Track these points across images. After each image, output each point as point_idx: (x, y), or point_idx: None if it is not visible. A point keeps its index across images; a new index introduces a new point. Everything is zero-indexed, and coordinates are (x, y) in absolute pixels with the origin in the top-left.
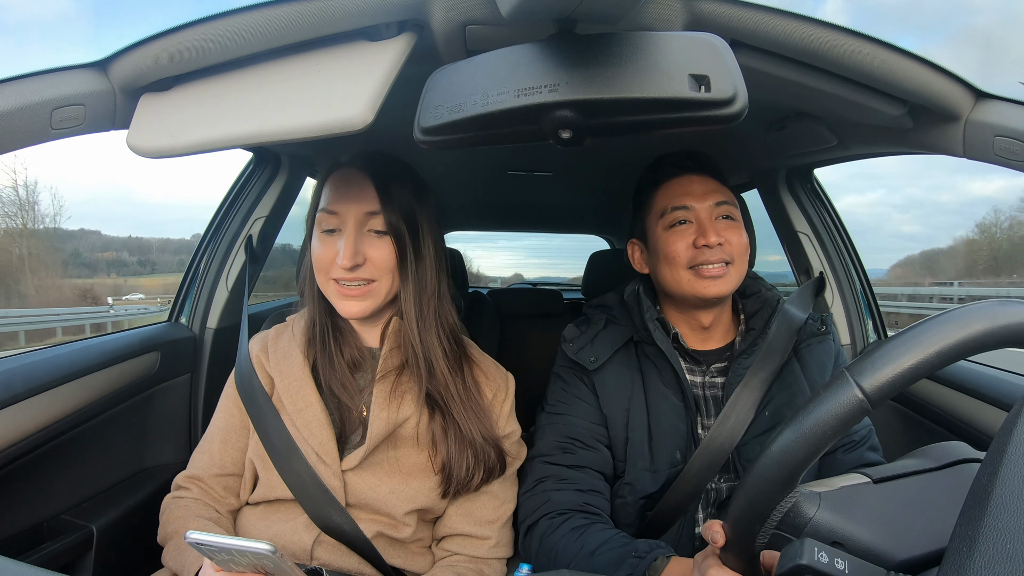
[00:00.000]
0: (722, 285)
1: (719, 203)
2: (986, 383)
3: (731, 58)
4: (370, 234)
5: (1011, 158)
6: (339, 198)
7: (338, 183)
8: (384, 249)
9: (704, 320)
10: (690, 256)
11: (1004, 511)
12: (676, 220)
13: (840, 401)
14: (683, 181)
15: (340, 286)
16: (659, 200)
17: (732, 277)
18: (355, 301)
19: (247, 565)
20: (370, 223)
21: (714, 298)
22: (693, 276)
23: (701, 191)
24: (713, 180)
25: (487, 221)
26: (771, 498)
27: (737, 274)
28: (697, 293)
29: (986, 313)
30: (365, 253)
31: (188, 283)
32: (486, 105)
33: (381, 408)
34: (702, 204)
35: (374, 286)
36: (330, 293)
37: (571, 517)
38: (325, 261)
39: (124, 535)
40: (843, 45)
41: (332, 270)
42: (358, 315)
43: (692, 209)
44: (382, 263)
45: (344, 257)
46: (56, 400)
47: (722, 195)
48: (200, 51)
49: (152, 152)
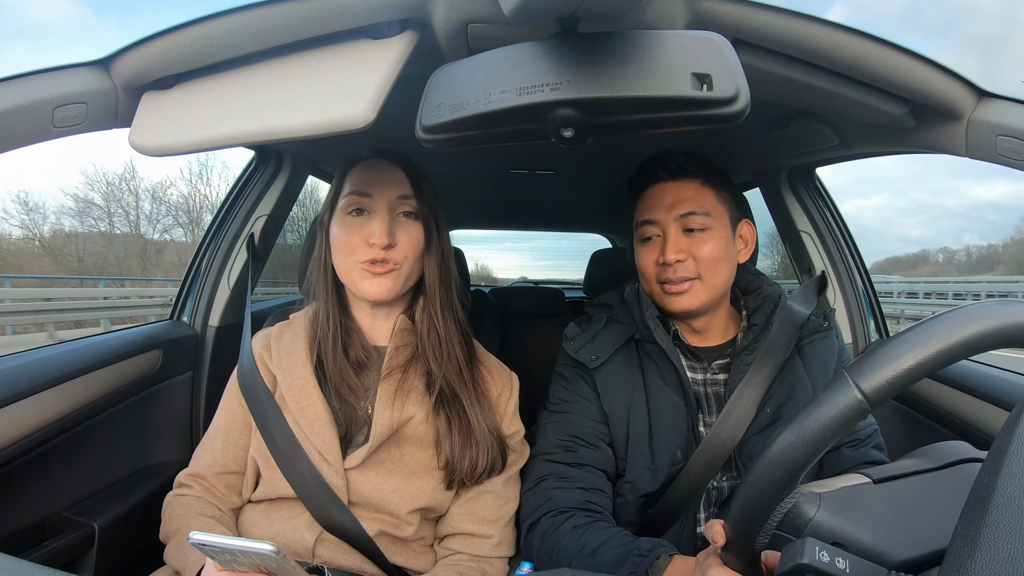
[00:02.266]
0: (686, 300)
1: (685, 214)
2: (987, 383)
3: (733, 57)
4: (400, 217)
5: (1014, 158)
6: (370, 182)
7: (366, 170)
8: (414, 232)
9: (695, 325)
10: (655, 272)
11: (1005, 511)
12: (644, 235)
13: (839, 402)
14: (654, 192)
15: (367, 266)
16: (636, 213)
17: (698, 291)
18: (382, 279)
19: (250, 565)
20: (401, 207)
21: (681, 312)
22: (661, 290)
23: (669, 202)
24: (690, 184)
25: (489, 219)
26: (771, 499)
27: (706, 288)
28: (665, 307)
29: (986, 313)
30: (396, 235)
31: (190, 281)
32: (488, 104)
33: (385, 406)
34: (667, 217)
35: (399, 270)
36: (354, 276)
37: (573, 515)
38: (353, 243)
39: (126, 533)
40: (846, 44)
41: (360, 251)
42: (383, 296)
43: (657, 223)
44: (410, 247)
45: (380, 235)
46: (59, 398)
47: (692, 203)
48: (202, 49)
49: (154, 150)
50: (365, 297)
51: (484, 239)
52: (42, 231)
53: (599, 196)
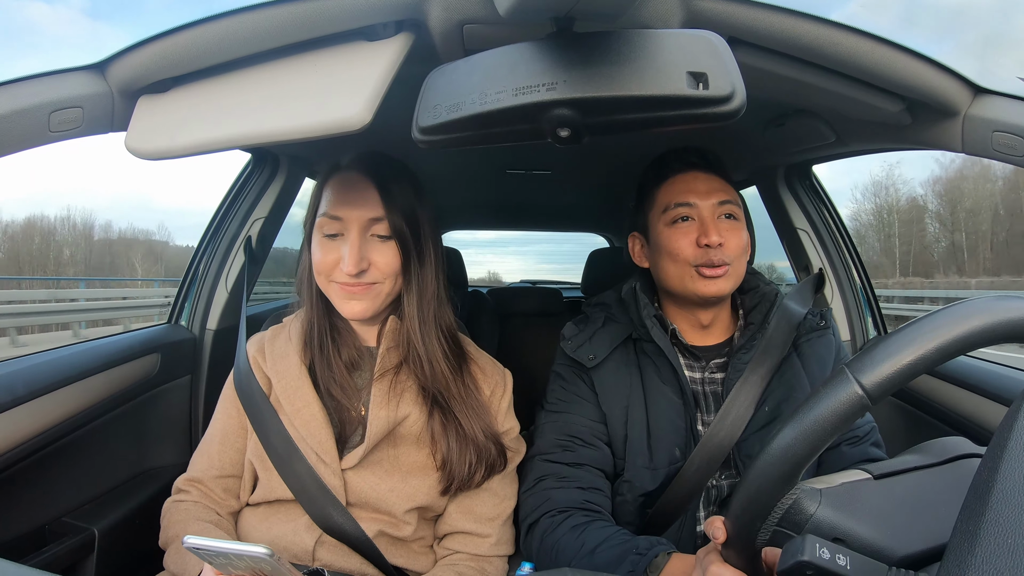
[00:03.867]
0: (721, 284)
1: (722, 202)
2: (986, 378)
3: (729, 55)
4: (374, 239)
5: (1010, 153)
6: (341, 203)
7: (339, 187)
8: (388, 254)
9: (703, 319)
10: (693, 254)
11: (1005, 506)
12: (678, 216)
13: (840, 398)
14: (687, 178)
15: (343, 286)
16: (662, 196)
17: (731, 277)
18: (358, 301)
19: (245, 568)
20: (374, 228)
21: (713, 297)
22: (695, 274)
23: (705, 189)
24: (718, 178)
25: (486, 220)
26: (772, 495)
27: (735, 274)
28: (697, 291)
29: (985, 308)
30: (369, 258)
31: (188, 284)
32: (484, 104)
33: (380, 407)
34: (705, 202)
35: (377, 287)
36: (332, 294)
37: (572, 515)
38: (328, 266)
39: (126, 537)
40: (841, 41)
41: (335, 274)
42: (360, 316)
43: (695, 206)
44: (386, 267)
45: (349, 264)
46: (57, 402)
47: (726, 194)
48: (197, 52)
49: (151, 154)
50: (344, 315)
51: (489, 243)
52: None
53: (596, 196)
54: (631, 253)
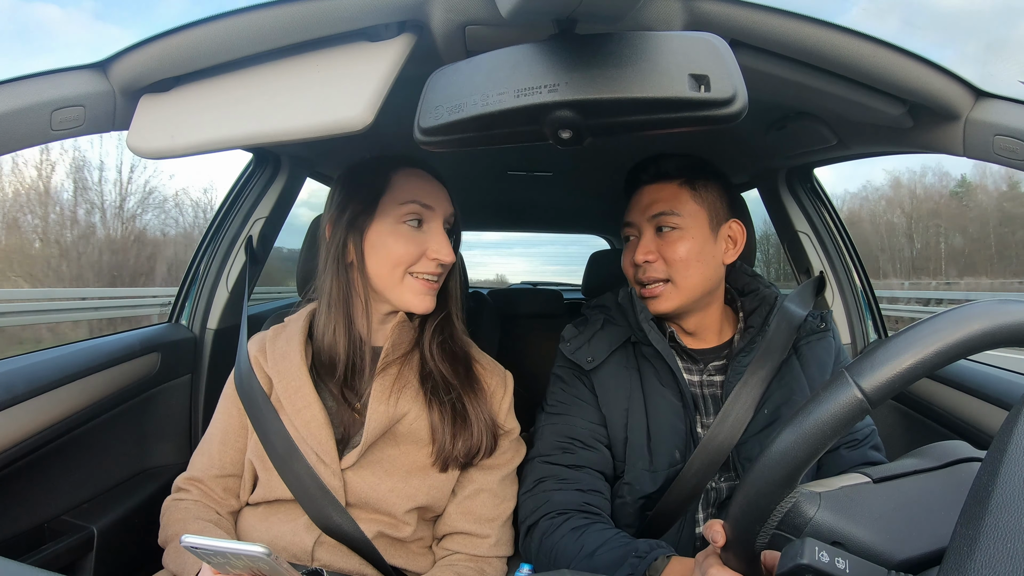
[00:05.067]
0: (660, 304)
1: (656, 215)
2: (986, 382)
3: (731, 58)
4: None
5: (1011, 157)
6: (428, 193)
7: (419, 180)
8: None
9: (686, 326)
10: (632, 273)
11: (1005, 510)
12: (624, 237)
13: (840, 401)
14: (638, 195)
15: (426, 281)
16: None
17: (670, 295)
18: (430, 295)
19: (243, 568)
20: (447, 222)
21: (658, 315)
22: (640, 293)
23: (646, 203)
24: (666, 186)
25: (487, 221)
26: (771, 498)
27: (678, 290)
28: (648, 308)
29: (985, 312)
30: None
31: (188, 284)
32: (486, 105)
33: (379, 403)
34: (641, 218)
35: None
36: (406, 288)
37: (571, 517)
38: (412, 254)
39: (125, 536)
40: (843, 44)
41: (418, 264)
42: (428, 310)
43: (634, 225)
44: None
45: (448, 253)
46: (57, 401)
47: (664, 204)
48: (199, 52)
49: (152, 153)
50: (409, 309)
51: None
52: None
53: (597, 197)
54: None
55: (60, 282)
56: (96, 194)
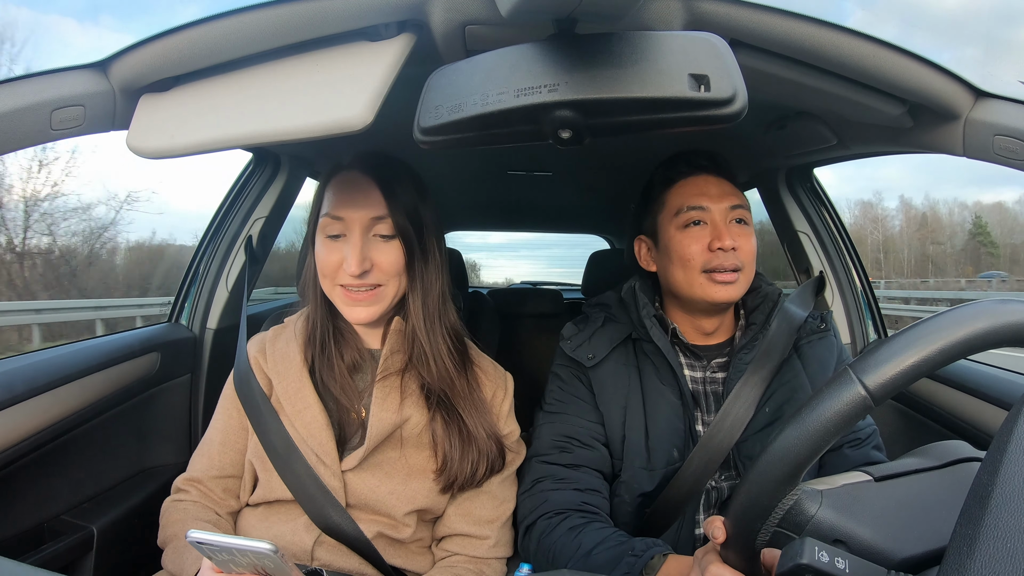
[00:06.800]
0: (732, 291)
1: (734, 206)
2: (987, 382)
3: (731, 58)
4: (376, 239)
5: (1011, 157)
6: (343, 203)
7: (341, 187)
8: (391, 253)
9: (707, 326)
10: (705, 259)
11: (1004, 510)
12: (691, 220)
13: (843, 398)
14: (699, 181)
15: (347, 292)
16: (673, 198)
17: (741, 283)
18: (363, 307)
19: (247, 565)
20: (376, 228)
21: (723, 303)
22: (706, 280)
23: (717, 192)
24: (728, 182)
25: (487, 221)
26: (773, 495)
27: (746, 280)
28: (708, 297)
29: (988, 312)
30: (372, 259)
31: (188, 283)
32: (486, 105)
33: (381, 409)
34: (718, 206)
35: (381, 290)
36: (336, 299)
37: (569, 516)
38: (331, 267)
39: (124, 536)
40: (843, 44)
41: (338, 276)
42: (366, 320)
43: (708, 210)
44: (390, 267)
45: (352, 264)
46: (57, 401)
47: (737, 198)
48: (199, 52)
49: (152, 153)
50: (349, 320)
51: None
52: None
53: (597, 197)
54: (637, 257)
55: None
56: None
